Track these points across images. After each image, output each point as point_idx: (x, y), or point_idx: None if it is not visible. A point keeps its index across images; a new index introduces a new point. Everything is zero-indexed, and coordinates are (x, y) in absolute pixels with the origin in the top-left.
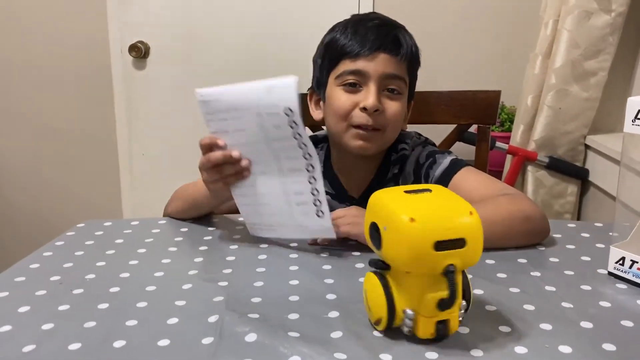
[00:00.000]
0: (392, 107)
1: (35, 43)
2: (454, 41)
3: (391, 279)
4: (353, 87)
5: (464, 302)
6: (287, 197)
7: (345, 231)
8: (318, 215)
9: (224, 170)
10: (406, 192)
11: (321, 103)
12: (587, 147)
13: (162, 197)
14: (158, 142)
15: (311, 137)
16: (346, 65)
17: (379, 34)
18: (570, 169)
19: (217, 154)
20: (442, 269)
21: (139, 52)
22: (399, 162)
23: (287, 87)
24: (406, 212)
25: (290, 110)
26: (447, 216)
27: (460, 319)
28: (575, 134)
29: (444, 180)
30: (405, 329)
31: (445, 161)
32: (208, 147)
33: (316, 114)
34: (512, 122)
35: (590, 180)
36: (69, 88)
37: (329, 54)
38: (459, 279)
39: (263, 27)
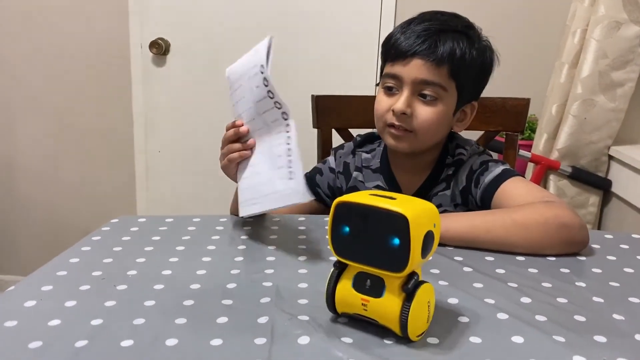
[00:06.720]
0: (423, 112)
1: (55, 39)
2: None
3: None
4: (390, 91)
5: None
6: (272, 161)
7: None
8: (290, 178)
9: (232, 148)
10: (379, 196)
11: None
12: (610, 157)
13: (177, 194)
14: (174, 140)
15: (372, 134)
16: (387, 68)
17: (418, 38)
18: (593, 180)
19: (229, 132)
20: None
21: (160, 48)
22: (454, 165)
23: (261, 45)
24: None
25: (262, 66)
26: None
27: None
28: (599, 144)
29: (493, 186)
30: None
31: (497, 169)
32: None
33: None
34: (532, 130)
35: (612, 191)
36: (88, 83)
37: (382, 53)
38: None
39: (283, 25)
